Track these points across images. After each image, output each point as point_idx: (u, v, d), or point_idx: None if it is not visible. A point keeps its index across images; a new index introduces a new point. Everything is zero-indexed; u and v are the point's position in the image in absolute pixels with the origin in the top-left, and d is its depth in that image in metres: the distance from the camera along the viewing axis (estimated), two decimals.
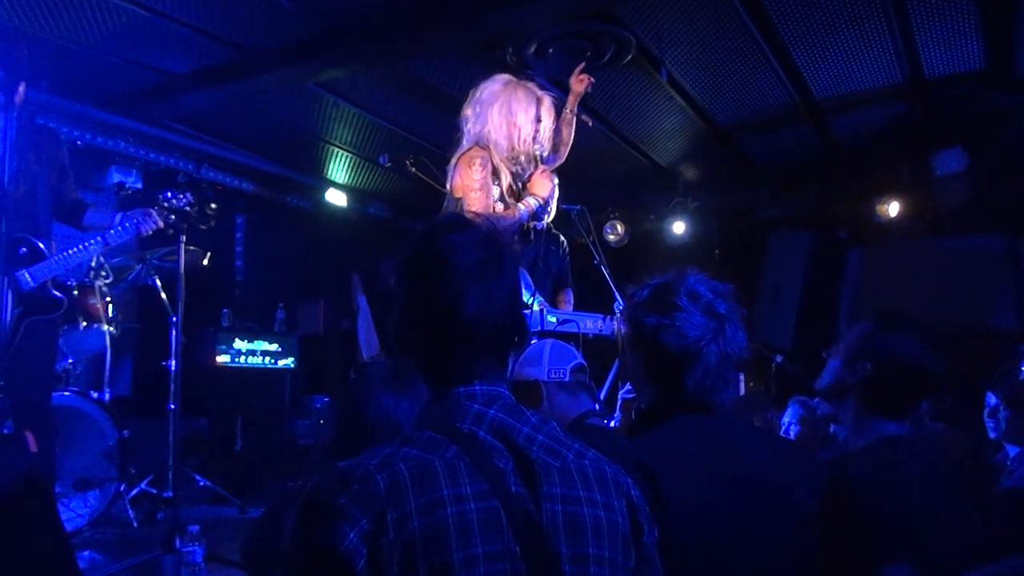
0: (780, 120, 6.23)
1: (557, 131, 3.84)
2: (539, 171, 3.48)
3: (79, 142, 5.57)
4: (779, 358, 5.88)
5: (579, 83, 3.92)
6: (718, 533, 1.58)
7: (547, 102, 3.56)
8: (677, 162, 7.24)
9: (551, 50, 4.94)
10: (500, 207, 3.38)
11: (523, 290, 3.54)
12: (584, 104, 4.11)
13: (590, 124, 4.04)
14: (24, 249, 3.65)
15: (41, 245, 3.71)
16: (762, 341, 6.13)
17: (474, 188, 3.33)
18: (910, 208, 6.94)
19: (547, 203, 3.51)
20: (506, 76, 3.62)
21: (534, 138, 3.45)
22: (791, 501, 1.68)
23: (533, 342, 2.74)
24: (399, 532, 1.08)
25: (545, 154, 3.54)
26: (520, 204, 3.39)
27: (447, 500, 1.11)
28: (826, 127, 6.42)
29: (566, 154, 3.92)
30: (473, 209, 3.25)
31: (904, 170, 6.88)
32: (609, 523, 1.22)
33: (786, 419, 4.31)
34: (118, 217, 3.95)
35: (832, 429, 4.36)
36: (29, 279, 3.65)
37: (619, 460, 1.34)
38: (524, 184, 3.53)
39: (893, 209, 6.97)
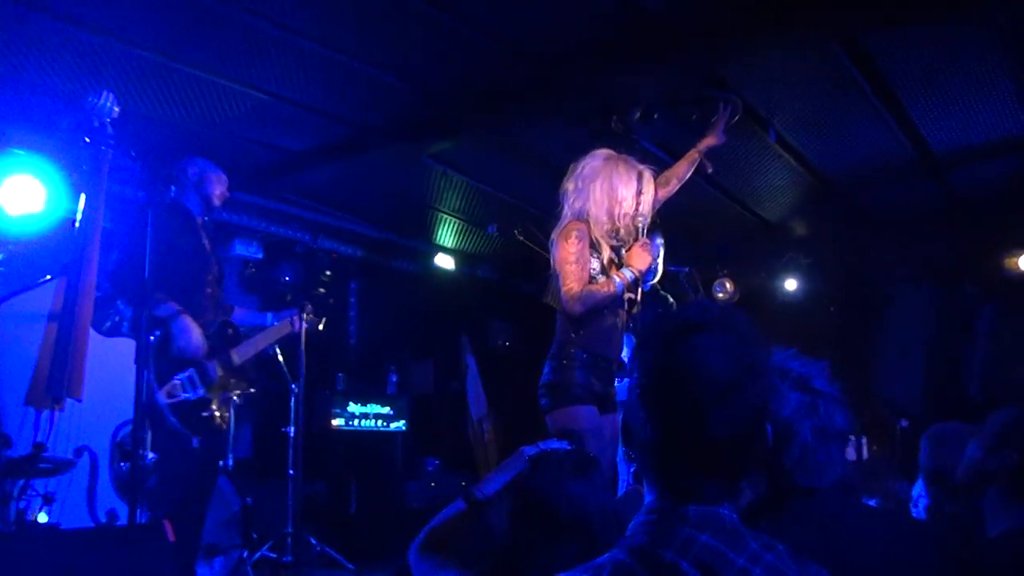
0: (897, 174, 6.01)
1: (675, 165, 3.89)
2: (639, 243, 3.47)
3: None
4: (904, 422, 5.56)
5: (714, 137, 3.94)
6: None
7: (647, 175, 3.56)
8: (788, 218, 7.07)
9: (656, 115, 4.95)
10: (601, 279, 3.39)
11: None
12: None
13: (710, 171, 4.03)
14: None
15: None
16: (887, 402, 5.84)
17: (569, 260, 3.35)
18: None
19: (644, 275, 3.50)
20: (606, 151, 3.63)
21: (635, 212, 3.45)
22: None
23: None
24: None
25: (647, 225, 3.53)
26: (615, 275, 3.39)
27: None
28: (945, 180, 6.16)
29: (676, 189, 3.90)
30: (568, 282, 3.28)
31: None
32: None
33: (916, 492, 4.03)
34: (269, 317, 4.20)
35: None
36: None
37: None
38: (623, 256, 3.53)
39: (1023, 262, 6.63)
